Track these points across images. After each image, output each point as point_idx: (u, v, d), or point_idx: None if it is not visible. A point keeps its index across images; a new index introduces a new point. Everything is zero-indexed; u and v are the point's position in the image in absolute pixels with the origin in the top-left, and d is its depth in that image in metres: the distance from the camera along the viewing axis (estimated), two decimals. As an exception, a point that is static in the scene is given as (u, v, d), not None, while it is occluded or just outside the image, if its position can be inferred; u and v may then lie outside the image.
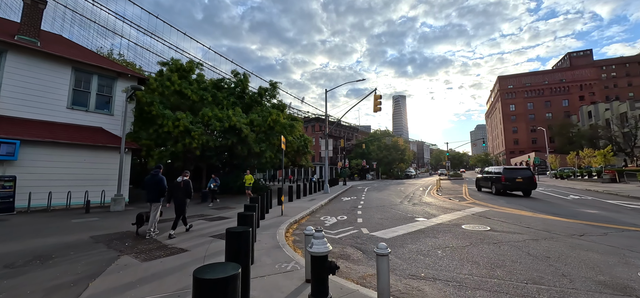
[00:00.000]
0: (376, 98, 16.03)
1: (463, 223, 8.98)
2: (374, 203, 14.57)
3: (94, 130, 15.02)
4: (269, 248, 6.02)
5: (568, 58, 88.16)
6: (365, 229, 8.33)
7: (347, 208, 13.26)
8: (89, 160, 13.96)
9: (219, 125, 16.61)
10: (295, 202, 14.83)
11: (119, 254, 5.57)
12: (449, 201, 15.08)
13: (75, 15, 51.25)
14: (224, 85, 21.59)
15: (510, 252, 5.86)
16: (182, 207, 7.52)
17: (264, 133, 19.32)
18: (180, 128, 15.40)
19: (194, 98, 17.71)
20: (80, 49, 17.08)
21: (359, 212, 11.84)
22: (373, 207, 13.14)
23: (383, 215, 10.95)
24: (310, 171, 61.77)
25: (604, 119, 59.63)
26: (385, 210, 12.06)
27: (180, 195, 7.44)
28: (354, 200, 16.58)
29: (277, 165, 21.13)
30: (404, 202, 15.20)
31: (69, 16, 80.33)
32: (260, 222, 8.83)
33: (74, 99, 14.89)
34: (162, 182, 7.38)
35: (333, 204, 14.83)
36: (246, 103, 22.54)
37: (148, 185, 7.33)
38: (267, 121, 18.57)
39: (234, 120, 16.60)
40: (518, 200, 14.81)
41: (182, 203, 7.49)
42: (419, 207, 13.09)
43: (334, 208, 13.11)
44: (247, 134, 16.83)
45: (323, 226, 8.98)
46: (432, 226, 8.61)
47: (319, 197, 17.33)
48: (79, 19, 72.00)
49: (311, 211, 11.87)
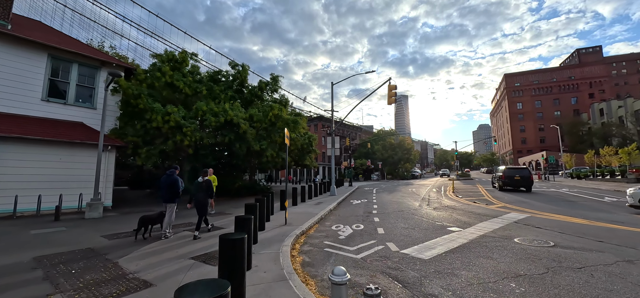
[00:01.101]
0: (391, 89, 14.22)
1: (513, 234, 7.19)
2: (389, 208, 12.79)
3: (72, 126, 13.33)
4: (271, 281, 4.26)
5: (577, 55, 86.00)
6: (392, 245, 6.55)
7: (360, 213, 11.49)
8: (66, 159, 12.27)
9: (214, 121, 14.88)
10: (300, 206, 13.08)
11: (48, 296, 3.81)
12: (474, 204, 13.27)
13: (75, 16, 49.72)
14: (221, 78, 19.84)
15: (611, 284, 4.07)
16: (204, 207, 7.30)
17: (265, 129, 17.58)
18: (171, 123, 13.66)
19: (187, 91, 15.98)
20: (59, 34, 15.39)
21: (376, 219, 10.05)
22: (390, 213, 11.35)
23: (406, 223, 9.16)
24: (313, 171, 60.05)
25: (617, 116, 57.52)
26: (407, 217, 10.28)
27: (202, 194, 7.25)
28: (366, 203, 14.80)
29: (279, 165, 19.38)
30: (423, 205, 13.41)
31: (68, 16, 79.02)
32: (259, 234, 7.08)
33: (51, 90, 13.19)
34: (177, 183, 7.28)
35: (343, 209, 13.06)
36: (245, 98, 20.81)
37: (163, 185, 7.23)
38: (268, 116, 16.82)
39: (231, 114, 14.86)
40: (553, 203, 13.00)
41: (204, 203, 7.28)
42: (444, 212, 11.29)
43: (346, 214, 11.33)
44: (245, 129, 15.09)
45: (337, 239, 7.22)
46: (476, 239, 6.81)
47: (325, 200, 15.57)
48: (79, 19, 70.62)
49: (319, 218, 10.10)
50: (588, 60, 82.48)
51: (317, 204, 13.88)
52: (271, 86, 21.48)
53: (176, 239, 7.06)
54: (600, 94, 77.13)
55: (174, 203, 7.28)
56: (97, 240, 6.88)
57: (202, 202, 7.23)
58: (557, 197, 15.13)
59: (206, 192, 7.29)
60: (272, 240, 6.67)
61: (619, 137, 54.93)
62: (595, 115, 65.36)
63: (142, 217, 7.17)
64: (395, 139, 58.25)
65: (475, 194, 18.29)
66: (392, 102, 14.07)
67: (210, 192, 7.46)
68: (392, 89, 14.17)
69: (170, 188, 7.17)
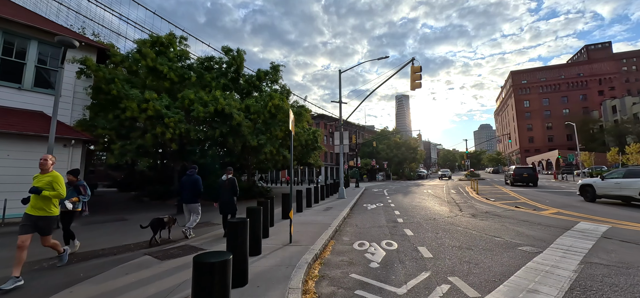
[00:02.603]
0: (414, 71, 11.79)
1: (629, 260, 4.80)
2: (416, 215, 10.41)
3: (29, 115, 10.97)
4: None
5: (585, 51, 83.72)
6: (461, 282, 4.16)
7: (382, 222, 9.11)
8: (17, 155, 9.93)
9: (203, 111, 12.52)
10: (306, 213, 10.71)
11: None
12: (518, 209, 10.87)
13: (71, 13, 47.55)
14: (214, 66, 17.47)
15: None
16: (230, 206, 7.14)
17: (264, 122, 15.22)
18: (149, 112, 11.29)
19: (172, 76, 13.61)
20: (15, 6, 13.01)
21: (408, 231, 7.68)
22: (421, 222, 8.97)
23: (454, 239, 6.78)
24: (315, 172, 57.71)
25: (632, 113, 55.17)
26: (447, 229, 7.90)
27: (227, 194, 7.11)
28: (383, 208, 12.43)
29: (280, 164, 16.99)
30: (455, 211, 11.03)
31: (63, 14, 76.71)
32: (252, 264, 4.70)
33: (1, 71, 10.85)
34: (199, 182, 7.21)
35: (359, 216, 10.68)
36: (242, 88, 18.46)
37: (184, 185, 7.20)
38: (267, 106, 14.45)
39: (223, 103, 12.50)
40: (620, 209, 10.60)
41: (229, 203, 7.14)
42: (491, 221, 8.90)
43: (366, 224, 8.95)
44: (239, 121, 12.73)
45: (369, 269, 4.84)
46: (588, 272, 4.42)
47: (335, 205, 13.20)
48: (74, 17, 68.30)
49: (334, 230, 7.72)
50: (597, 57, 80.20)
51: (326, 210, 11.50)
52: (271, 76, 19.15)
53: (123, 273, 4.69)
54: (610, 91, 74.82)
55: (197, 203, 7.25)
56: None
57: (228, 201, 7.11)
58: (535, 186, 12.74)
59: (231, 190, 7.12)
60: (271, 276, 4.29)
61: (634, 135, 52.61)
62: (608, 112, 63.02)
63: (154, 219, 6.67)
64: (401, 138, 55.87)
65: (503, 195, 15.87)
66: (417, 85, 11.67)
67: (235, 190, 7.23)
68: (416, 71, 11.73)
69: (192, 188, 7.15)
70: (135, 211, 12.27)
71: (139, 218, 10.36)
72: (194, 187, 7.17)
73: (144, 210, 12.44)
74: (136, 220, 10.07)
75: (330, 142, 57.18)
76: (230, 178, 7.22)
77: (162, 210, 12.31)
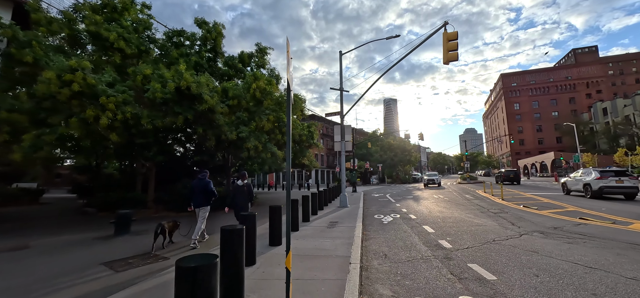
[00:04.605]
0: (448, 39, 8.68)
1: None
2: (459, 233, 7.39)
3: None
4: None
5: (573, 55, 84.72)
6: None
7: (421, 248, 6.05)
8: None
9: (161, 91, 9.12)
10: (305, 231, 7.50)
11: None
12: (584, 221, 8.05)
13: None
14: (184, 42, 13.99)
15: None
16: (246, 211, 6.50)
17: (246, 111, 11.92)
18: (75, 87, 7.77)
19: (121, 46, 10.14)
20: None
21: (475, 267, 4.64)
22: (479, 248, 5.95)
23: (570, 286, 3.75)
24: (305, 174, 54.37)
25: (623, 115, 54.97)
26: (535, 263, 4.89)
27: (243, 199, 6.93)
28: (403, 221, 9.38)
29: (269, 163, 13.67)
30: (506, 225, 8.12)
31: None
32: None
33: None
34: (210, 186, 6.87)
35: (379, 235, 7.56)
36: (221, 72, 15.06)
37: (196, 189, 6.80)
38: (250, 90, 11.16)
39: (189, 80, 9.14)
40: None
41: (245, 208, 6.80)
42: (583, 246, 5.97)
43: (399, 255, 5.82)
44: (212, 105, 9.41)
45: None
46: None
47: (340, 217, 10.05)
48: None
49: (358, 272, 4.53)
50: (584, 60, 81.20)
51: (331, 226, 8.32)
52: (257, 59, 15.89)
53: None
54: (598, 94, 75.62)
55: (207, 208, 6.90)
56: None
57: (244, 207, 6.86)
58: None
59: (247, 196, 7.00)
60: None
61: (626, 136, 52.30)
62: (598, 114, 63.02)
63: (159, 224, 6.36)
64: (395, 139, 53.52)
65: (536, 202, 13.14)
66: (453, 57, 8.57)
67: (251, 196, 7.13)
68: (451, 39, 8.63)
69: (203, 192, 6.79)
70: (55, 232, 8.66)
71: (51, 244, 6.91)
72: (206, 191, 6.81)
73: (71, 230, 8.86)
74: (45, 248, 6.67)
75: (322, 142, 54.11)
76: (247, 183, 7.12)
77: (99, 228, 8.79)
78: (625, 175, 13.56)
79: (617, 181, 13.46)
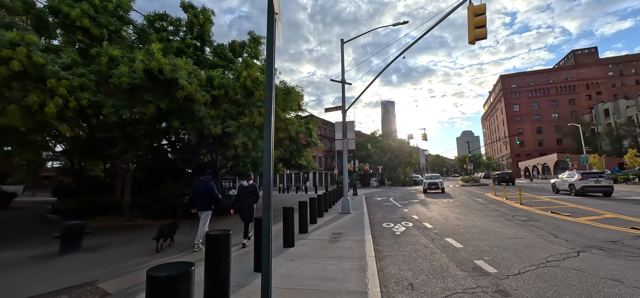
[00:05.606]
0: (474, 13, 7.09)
1: None
2: (495, 250, 5.88)
3: None
4: None
5: (573, 56, 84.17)
6: None
7: (459, 279, 4.52)
8: None
9: (128, 74, 7.55)
10: (302, 251, 5.95)
11: None
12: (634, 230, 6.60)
13: None
14: (168, 27, 12.42)
15: None
16: (250, 212, 6.70)
17: (235, 103, 10.38)
18: (15, 66, 6.17)
19: (85, 24, 8.55)
20: None
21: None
22: (529, 271, 4.44)
23: None
24: (302, 176, 52.75)
25: (626, 116, 54.09)
26: (609, 296, 3.38)
27: (248, 200, 6.74)
28: (417, 230, 7.87)
29: (259, 163, 12.11)
30: (550, 238, 6.63)
31: None
32: None
33: None
34: (214, 189, 6.71)
35: (396, 253, 6.04)
36: (209, 63, 13.51)
37: (198, 192, 6.59)
38: (240, 78, 9.62)
39: (162, 61, 7.58)
40: None
41: (250, 209, 6.70)
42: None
43: (430, 286, 4.29)
44: (190, 92, 7.85)
45: None
46: None
47: (344, 227, 8.52)
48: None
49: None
50: (584, 62, 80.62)
51: (334, 240, 6.78)
52: (250, 49, 14.39)
53: None
54: (597, 95, 74.98)
55: (210, 211, 6.71)
56: None
57: (249, 208, 6.70)
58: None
59: (252, 196, 6.79)
60: None
61: (629, 137, 51.41)
62: (600, 115, 62.15)
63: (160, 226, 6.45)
64: (395, 140, 52.17)
65: (561, 207, 11.72)
66: (480, 35, 7.04)
67: (257, 197, 6.84)
68: (478, 13, 7.08)
69: (206, 194, 6.59)
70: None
71: None
72: (209, 193, 6.57)
73: (14, 243, 7.23)
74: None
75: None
76: (252, 184, 6.92)
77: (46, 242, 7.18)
78: (602, 176, 15.58)
79: (596, 181, 15.48)
